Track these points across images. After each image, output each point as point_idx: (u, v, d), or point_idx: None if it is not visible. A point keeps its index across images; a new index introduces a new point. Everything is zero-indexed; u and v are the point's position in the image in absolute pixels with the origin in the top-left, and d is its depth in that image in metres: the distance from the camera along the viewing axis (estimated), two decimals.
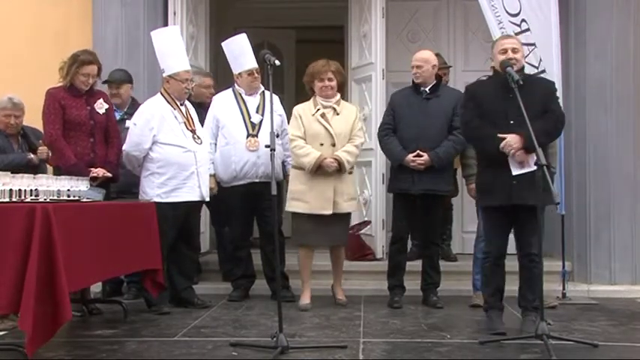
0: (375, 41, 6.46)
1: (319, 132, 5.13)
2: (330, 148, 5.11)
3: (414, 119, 5.20)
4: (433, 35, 7.10)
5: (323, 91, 5.20)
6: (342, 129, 5.15)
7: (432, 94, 5.27)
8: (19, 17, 6.47)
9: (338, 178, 5.12)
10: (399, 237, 5.33)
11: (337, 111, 5.19)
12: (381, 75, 6.42)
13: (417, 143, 5.14)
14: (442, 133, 5.19)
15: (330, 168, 5.05)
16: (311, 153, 5.07)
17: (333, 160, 5.06)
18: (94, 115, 4.93)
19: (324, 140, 5.12)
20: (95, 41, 6.25)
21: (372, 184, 6.42)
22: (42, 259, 3.38)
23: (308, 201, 5.08)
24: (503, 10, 5.53)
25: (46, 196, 3.94)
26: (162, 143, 4.96)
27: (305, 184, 5.10)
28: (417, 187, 5.17)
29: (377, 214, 6.34)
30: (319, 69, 5.23)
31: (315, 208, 5.08)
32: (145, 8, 6.30)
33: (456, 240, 6.72)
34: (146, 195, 5.01)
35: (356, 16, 6.88)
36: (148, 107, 5.08)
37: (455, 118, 5.18)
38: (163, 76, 5.15)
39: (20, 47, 6.40)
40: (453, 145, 5.19)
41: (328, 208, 5.07)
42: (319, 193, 5.07)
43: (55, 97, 4.83)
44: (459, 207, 6.83)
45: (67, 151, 4.79)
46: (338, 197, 5.10)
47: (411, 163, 5.13)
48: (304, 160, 5.08)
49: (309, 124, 5.15)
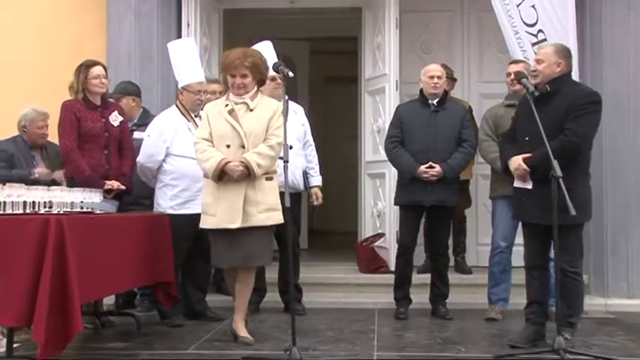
0: (388, 52, 6.46)
1: (226, 132, 4.36)
2: (239, 150, 4.32)
3: (423, 132, 5.21)
4: (447, 46, 7.08)
5: (235, 89, 4.44)
6: (254, 128, 4.36)
7: (440, 106, 5.29)
8: (33, 29, 6.53)
9: (250, 185, 4.31)
10: (405, 248, 5.33)
11: (250, 107, 4.41)
12: (394, 86, 6.41)
13: (426, 156, 5.14)
14: (451, 145, 5.22)
15: (235, 173, 4.27)
16: (212, 157, 4.30)
17: (239, 163, 4.30)
18: (108, 128, 4.96)
19: (231, 141, 4.34)
20: (109, 52, 6.29)
21: (386, 196, 6.40)
22: (55, 271, 3.40)
23: (215, 214, 4.33)
24: (520, 20, 5.51)
25: (59, 208, 3.96)
26: (175, 155, 4.98)
27: (212, 194, 4.35)
28: (429, 198, 5.17)
29: (390, 227, 6.32)
30: (231, 61, 4.39)
31: (222, 221, 4.31)
32: (159, 20, 6.34)
33: (470, 252, 6.67)
34: (159, 207, 5.03)
35: (370, 28, 6.89)
36: (161, 119, 5.11)
37: (463, 131, 5.25)
38: (178, 88, 5.17)
39: (34, 59, 6.45)
40: (463, 157, 5.23)
41: (236, 220, 4.28)
42: (228, 204, 4.31)
43: (70, 109, 4.87)
44: (473, 219, 6.80)
45: (81, 162, 4.81)
46: (250, 207, 4.31)
47: (424, 174, 5.12)
48: (205, 166, 4.32)
49: (216, 124, 4.38)
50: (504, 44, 5.69)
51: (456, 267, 6.36)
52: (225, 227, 4.31)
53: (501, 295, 5.25)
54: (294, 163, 5.20)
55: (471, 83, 6.97)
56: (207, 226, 4.39)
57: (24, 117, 5.49)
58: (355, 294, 6.00)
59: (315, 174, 5.62)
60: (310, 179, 5.59)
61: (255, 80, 4.45)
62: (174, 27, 6.36)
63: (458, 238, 6.44)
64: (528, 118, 4.21)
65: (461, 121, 5.27)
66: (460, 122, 5.26)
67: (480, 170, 6.61)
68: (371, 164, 6.77)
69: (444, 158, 5.16)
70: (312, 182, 5.60)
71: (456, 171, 5.22)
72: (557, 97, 4.22)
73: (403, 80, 6.44)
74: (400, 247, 5.38)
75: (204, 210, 4.42)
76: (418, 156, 5.18)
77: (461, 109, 5.42)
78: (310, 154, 5.59)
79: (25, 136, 5.49)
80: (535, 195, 4.22)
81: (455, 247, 6.40)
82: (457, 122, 5.26)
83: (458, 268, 6.35)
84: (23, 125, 5.48)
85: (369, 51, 6.90)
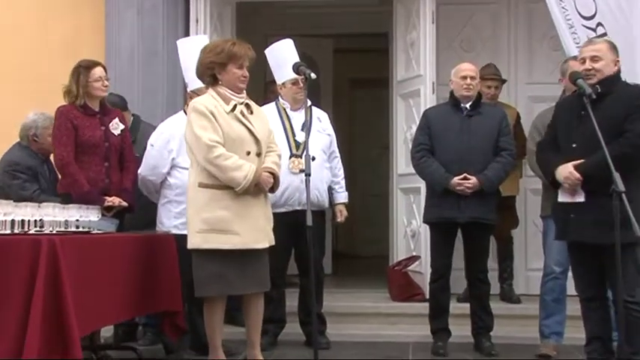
0: (423, 50, 6.44)
1: (243, 136, 4.38)
2: (256, 158, 4.40)
3: (455, 140, 5.19)
4: (491, 43, 7.05)
5: (241, 82, 4.43)
6: (263, 133, 4.47)
7: (474, 110, 5.27)
8: (24, 27, 6.61)
9: (265, 199, 4.49)
10: (440, 273, 5.30)
11: (252, 108, 4.48)
12: (430, 89, 6.40)
13: (459, 167, 5.12)
14: (487, 155, 5.19)
15: (268, 185, 4.39)
16: (244, 165, 4.30)
17: (270, 175, 4.41)
18: (109, 137, 4.99)
19: (250, 147, 4.40)
20: (108, 52, 6.35)
21: (421, 214, 6.32)
22: (48, 299, 3.39)
23: (239, 232, 4.33)
24: (576, 13, 5.46)
25: (52, 228, 3.97)
26: (181, 167, 4.98)
27: (229, 209, 4.31)
28: (464, 214, 5.13)
29: (427, 248, 6.25)
30: (243, 52, 4.40)
31: (248, 241, 4.34)
32: (164, 15, 6.39)
33: (518, 279, 6.61)
34: (163, 226, 5.04)
35: (402, 22, 6.88)
36: (167, 127, 5.12)
37: (502, 139, 5.21)
38: (187, 92, 5.19)
39: (24, 59, 6.52)
40: (502, 168, 5.19)
41: (261, 239, 4.38)
42: (251, 221, 4.35)
43: (66, 117, 4.89)
44: (521, 240, 6.75)
45: (79, 176, 4.84)
46: (267, 225, 4.47)
47: (458, 187, 5.10)
48: (236, 175, 4.27)
49: (228, 126, 4.34)
50: (557, 40, 5.65)
51: (502, 295, 6.31)
52: (252, 248, 4.35)
53: (555, 328, 5.19)
54: (318, 176, 5.22)
55: (519, 85, 6.93)
56: (230, 247, 4.30)
57: (33, 124, 5.48)
58: (387, 325, 5.98)
59: (340, 189, 5.61)
60: (335, 195, 5.58)
61: None
62: (182, 23, 6.41)
63: (504, 263, 6.39)
64: (575, 122, 4.17)
65: (498, 127, 5.22)
66: (498, 128, 5.22)
67: (528, 185, 6.57)
68: (404, 177, 6.75)
69: (479, 170, 5.13)
70: (338, 199, 5.59)
71: (494, 184, 5.18)
72: (610, 99, 4.19)
73: (440, 82, 6.41)
74: (433, 271, 5.36)
75: (222, 227, 4.31)
76: (449, 167, 5.15)
77: (499, 113, 5.37)
78: (336, 166, 5.59)
79: (35, 146, 5.48)
80: (588, 209, 4.16)
81: (501, 273, 6.36)
82: (494, 128, 5.22)
83: (504, 296, 6.30)
84: (34, 134, 5.48)
85: (401, 49, 6.89)
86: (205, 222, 4.30)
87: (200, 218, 4.31)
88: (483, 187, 5.10)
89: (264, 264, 4.46)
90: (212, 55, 4.42)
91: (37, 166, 5.41)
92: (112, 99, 5.67)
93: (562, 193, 4.28)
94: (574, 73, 4.36)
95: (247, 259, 4.35)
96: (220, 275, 4.33)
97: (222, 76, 4.41)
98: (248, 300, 4.51)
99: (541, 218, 5.37)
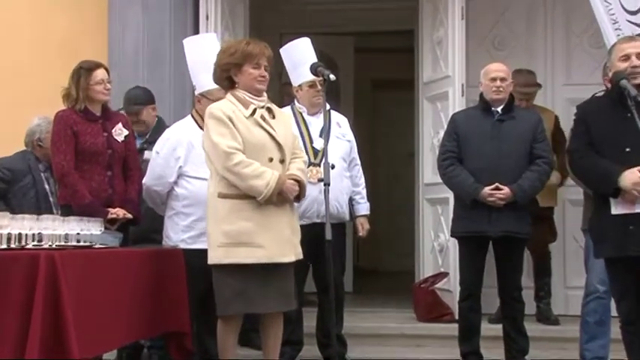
0: (452, 49, 6.45)
1: (264, 141, 4.40)
2: (279, 165, 4.41)
3: (485, 146, 5.17)
4: (525, 41, 7.04)
5: (259, 83, 4.44)
6: (287, 138, 4.49)
7: (506, 114, 5.26)
8: (19, 25, 6.66)
9: (291, 209, 4.49)
10: (470, 291, 5.28)
11: (273, 112, 4.51)
12: (460, 91, 6.40)
13: (489, 176, 5.10)
14: (520, 163, 5.16)
15: (293, 193, 4.40)
16: (265, 172, 4.29)
17: (295, 182, 4.41)
18: (112, 143, 5.01)
19: (272, 154, 4.42)
20: (111, 52, 6.39)
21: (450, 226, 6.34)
22: (46, 320, 3.40)
23: (263, 244, 4.32)
24: (620, 7, 5.43)
25: (51, 242, 3.98)
26: (189, 177, 5.00)
27: (251, 220, 4.30)
28: (496, 228, 5.11)
29: (455, 264, 6.25)
30: (258, 50, 4.41)
31: (274, 254, 4.33)
32: (172, 12, 6.43)
33: (557, 298, 6.58)
34: (169, 240, 5.04)
35: (428, 19, 6.89)
36: (174, 132, 5.13)
37: (537, 145, 5.19)
38: (195, 95, 5.21)
39: (21, 60, 6.58)
40: (537, 177, 5.16)
41: (287, 252, 4.38)
42: (276, 233, 4.35)
43: (66, 122, 4.91)
44: (560, 255, 6.72)
45: (80, 187, 4.85)
46: (294, 237, 4.47)
47: (489, 198, 5.08)
48: (257, 184, 4.26)
49: (248, 131, 4.36)
50: (599, 37, 5.62)
51: (539, 315, 6.29)
52: (277, 262, 4.33)
53: (598, 353, 5.14)
54: (338, 186, 5.21)
55: (556, 87, 6.93)
56: (253, 260, 4.29)
57: (38, 129, 5.60)
58: (412, 348, 5.95)
59: (361, 200, 5.61)
60: (356, 207, 5.58)
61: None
62: (191, 20, 6.44)
63: (541, 280, 6.37)
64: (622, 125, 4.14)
65: (533, 132, 5.20)
66: (532, 134, 5.20)
67: (567, 195, 6.55)
68: (431, 187, 6.74)
69: (512, 179, 5.10)
70: (359, 210, 5.59)
71: (528, 195, 5.15)
72: None
73: (470, 84, 6.40)
74: (462, 289, 5.35)
75: (244, 240, 4.30)
76: (479, 176, 5.13)
77: (534, 117, 5.35)
78: (356, 175, 5.59)
79: (40, 152, 5.60)
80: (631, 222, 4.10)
81: (537, 291, 6.34)
82: (528, 134, 5.20)
83: (541, 316, 6.27)
84: (38, 139, 5.60)
85: (428, 48, 6.90)
86: (226, 235, 4.30)
87: (220, 231, 4.31)
88: (517, 199, 5.07)
89: (290, 280, 4.45)
90: (226, 57, 4.44)
91: (26, 171, 5.50)
92: (135, 93, 5.74)
93: (617, 204, 4.16)
94: (617, 73, 4.33)
95: (271, 274, 4.34)
96: (241, 292, 4.32)
97: (238, 78, 4.43)
98: (267, 319, 4.50)
99: (582, 231, 5.34)
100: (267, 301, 4.37)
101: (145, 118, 5.76)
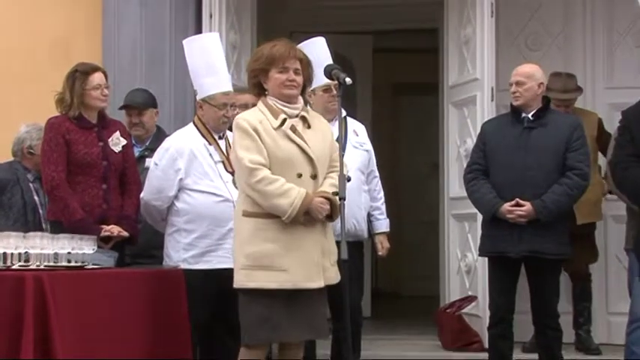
0: (481, 49, 6.45)
1: (293, 155, 4.38)
2: (311, 181, 4.39)
3: (509, 157, 5.17)
4: (563, 39, 7.04)
5: (286, 88, 4.41)
6: (321, 151, 4.44)
7: (537, 121, 5.24)
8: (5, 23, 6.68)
9: (323, 229, 4.44)
10: (500, 316, 5.27)
11: (309, 122, 4.49)
12: (489, 96, 6.40)
13: (512, 191, 5.10)
14: (550, 176, 5.14)
15: (322, 213, 4.35)
16: (291, 190, 4.28)
17: (324, 200, 4.37)
18: (108, 154, 5.02)
19: (302, 169, 4.40)
20: (105, 53, 6.42)
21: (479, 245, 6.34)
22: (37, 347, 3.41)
23: (286, 268, 4.31)
24: None
25: (39, 262, 3.99)
26: (191, 190, 5.01)
27: (276, 241, 4.31)
28: (519, 247, 5.10)
29: (484, 287, 6.23)
30: (285, 51, 4.40)
31: (299, 279, 4.31)
32: (172, 10, 6.46)
33: (598, 325, 6.56)
34: (170, 259, 5.05)
35: (454, 16, 6.91)
36: (174, 142, 5.15)
37: (570, 155, 5.15)
38: (197, 100, 5.23)
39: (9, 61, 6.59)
40: (566, 190, 5.12)
41: (315, 277, 4.34)
42: (303, 256, 4.34)
43: (58, 130, 4.93)
44: (601, 278, 6.70)
45: (72, 201, 4.86)
46: (325, 260, 4.41)
47: (509, 214, 5.08)
48: (281, 203, 4.26)
49: (275, 144, 4.35)
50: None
51: (579, 344, 6.28)
52: (304, 287, 4.30)
53: None
54: (355, 201, 5.20)
55: (597, 90, 6.92)
56: (275, 286, 4.29)
57: (27, 136, 5.64)
58: None
59: (381, 216, 5.61)
60: (374, 223, 5.57)
61: (304, 80, 4.50)
62: (193, 19, 6.47)
63: (580, 305, 6.35)
64: None
65: (567, 140, 5.16)
66: (565, 142, 5.17)
67: (610, 210, 6.53)
68: (457, 202, 6.73)
69: (540, 194, 5.08)
70: (378, 227, 5.58)
71: (551, 211, 5.09)
72: None
73: (500, 87, 6.40)
74: (492, 314, 5.33)
75: (267, 263, 4.31)
76: (502, 191, 5.14)
77: (569, 122, 5.31)
78: (375, 189, 5.59)
79: (31, 161, 5.64)
80: None
81: (576, 317, 6.32)
82: (560, 142, 5.17)
83: (581, 345, 6.26)
84: (29, 146, 5.64)
85: (453, 48, 6.92)
86: (249, 257, 4.31)
87: (244, 253, 4.33)
88: (539, 216, 5.06)
89: (320, 306, 4.43)
90: (253, 62, 4.48)
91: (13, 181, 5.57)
92: (137, 95, 5.76)
93: None
94: None
95: (298, 301, 4.32)
96: (266, 319, 4.31)
97: (267, 85, 4.43)
98: (287, 348, 4.48)
99: (625, 251, 5.32)
100: (294, 329, 4.35)
101: (146, 120, 5.76)
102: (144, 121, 5.77)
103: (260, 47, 4.62)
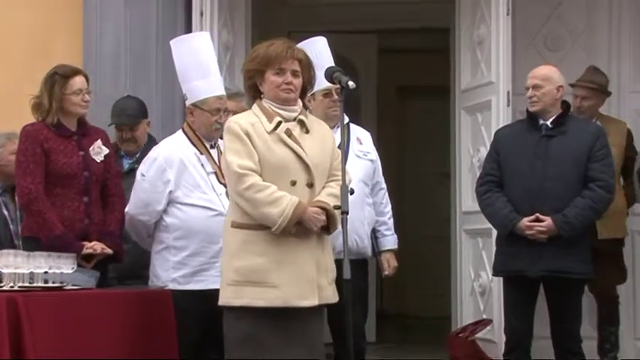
0: (496, 51, 6.46)
1: (288, 161, 4.37)
2: (307, 190, 4.39)
3: (528, 168, 5.19)
4: (585, 39, 7.06)
5: (282, 92, 4.41)
6: (320, 157, 4.43)
7: (556, 128, 5.25)
8: None
9: (319, 243, 4.41)
10: (516, 341, 5.29)
11: (307, 126, 4.50)
12: (505, 100, 6.40)
13: (530, 204, 5.11)
14: (571, 188, 5.16)
15: (316, 224, 4.33)
16: (282, 198, 4.26)
17: (320, 210, 4.38)
18: (89, 164, 5.02)
19: (297, 176, 4.39)
20: (87, 55, 6.43)
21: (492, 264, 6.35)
22: None
23: (277, 284, 4.30)
24: None
25: (13, 282, 3.98)
26: (181, 204, 5.01)
27: (266, 255, 4.29)
28: (538, 266, 5.11)
29: (500, 310, 6.24)
30: (281, 51, 4.39)
31: (291, 297, 4.28)
32: (159, 7, 6.49)
33: (626, 350, 6.57)
34: (158, 279, 5.04)
35: (467, 14, 6.93)
36: (162, 151, 5.14)
37: (592, 166, 5.16)
38: (187, 106, 5.23)
39: None
40: (589, 203, 5.13)
41: (309, 294, 4.31)
42: (296, 271, 4.31)
43: (35, 139, 4.93)
44: (629, 299, 6.71)
45: (50, 215, 4.85)
46: (320, 276, 4.38)
47: (528, 230, 5.08)
48: (270, 212, 4.24)
49: (267, 149, 4.35)
50: None
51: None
52: (295, 306, 4.27)
53: None
54: (358, 215, 5.21)
55: (623, 94, 6.93)
56: (265, 303, 4.26)
57: None
58: None
59: (387, 232, 5.59)
60: (380, 240, 5.56)
61: (304, 82, 4.49)
62: (182, 17, 6.49)
63: (606, 329, 6.35)
64: None
65: (589, 149, 5.18)
66: (587, 152, 5.18)
67: (636, 225, 6.59)
68: (470, 216, 6.74)
69: (560, 208, 5.10)
70: (384, 244, 5.57)
71: (574, 226, 5.11)
72: None
73: (517, 91, 6.40)
74: (508, 339, 5.35)
75: (256, 279, 4.29)
76: (519, 205, 5.15)
77: (592, 130, 5.34)
78: (381, 202, 5.57)
79: None
80: None
81: (602, 343, 6.33)
82: (582, 152, 5.19)
83: None
84: None
85: (466, 49, 6.94)
86: (237, 272, 4.30)
87: (232, 267, 4.32)
88: (560, 232, 5.06)
89: (315, 326, 4.40)
90: (248, 63, 4.48)
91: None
92: (127, 107, 5.74)
93: None
94: None
95: (290, 320, 4.32)
96: (250, 337, 4.30)
97: (263, 87, 4.42)
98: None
99: None
100: (284, 350, 4.31)
101: (139, 135, 5.75)
102: (136, 135, 5.78)
103: (257, 46, 4.59)
